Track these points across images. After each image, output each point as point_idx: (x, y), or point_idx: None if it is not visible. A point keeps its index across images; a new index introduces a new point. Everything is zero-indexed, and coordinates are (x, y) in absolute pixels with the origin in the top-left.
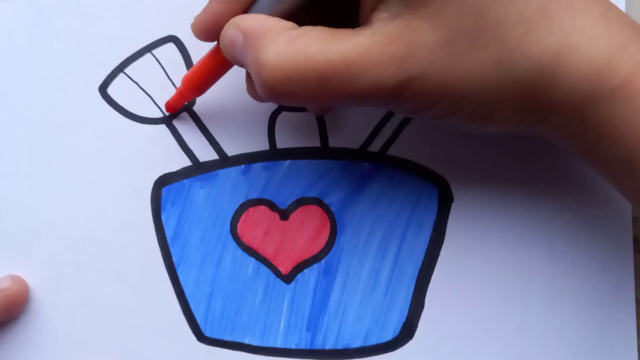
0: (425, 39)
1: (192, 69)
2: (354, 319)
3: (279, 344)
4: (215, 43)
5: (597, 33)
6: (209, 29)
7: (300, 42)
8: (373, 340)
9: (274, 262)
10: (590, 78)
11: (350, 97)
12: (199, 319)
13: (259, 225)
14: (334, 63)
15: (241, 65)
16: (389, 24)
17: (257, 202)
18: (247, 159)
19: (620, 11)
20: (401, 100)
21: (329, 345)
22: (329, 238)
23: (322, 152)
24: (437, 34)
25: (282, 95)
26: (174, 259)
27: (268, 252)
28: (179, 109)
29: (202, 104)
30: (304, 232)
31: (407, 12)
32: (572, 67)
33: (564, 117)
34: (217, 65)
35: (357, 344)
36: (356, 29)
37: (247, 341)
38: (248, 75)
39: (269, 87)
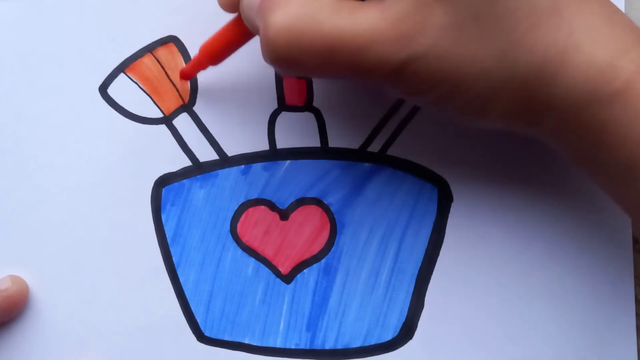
0: (433, 20)
1: (210, 38)
2: (354, 319)
3: (278, 344)
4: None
5: (602, 35)
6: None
7: (310, 7)
8: (373, 340)
9: (274, 262)
10: (591, 80)
11: (353, 71)
12: (199, 318)
13: (258, 225)
14: (342, 33)
15: (257, 31)
16: (400, 0)
17: (257, 202)
18: (247, 159)
19: (625, 16)
20: (401, 80)
21: (328, 345)
22: (329, 238)
23: (322, 152)
24: (446, 16)
25: (285, 59)
26: (174, 259)
27: (268, 252)
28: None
29: (202, 104)
30: (304, 232)
31: None
32: (573, 66)
33: (561, 118)
34: (237, 34)
35: (357, 344)
36: (368, 1)
37: (247, 341)
38: None
39: (273, 50)
